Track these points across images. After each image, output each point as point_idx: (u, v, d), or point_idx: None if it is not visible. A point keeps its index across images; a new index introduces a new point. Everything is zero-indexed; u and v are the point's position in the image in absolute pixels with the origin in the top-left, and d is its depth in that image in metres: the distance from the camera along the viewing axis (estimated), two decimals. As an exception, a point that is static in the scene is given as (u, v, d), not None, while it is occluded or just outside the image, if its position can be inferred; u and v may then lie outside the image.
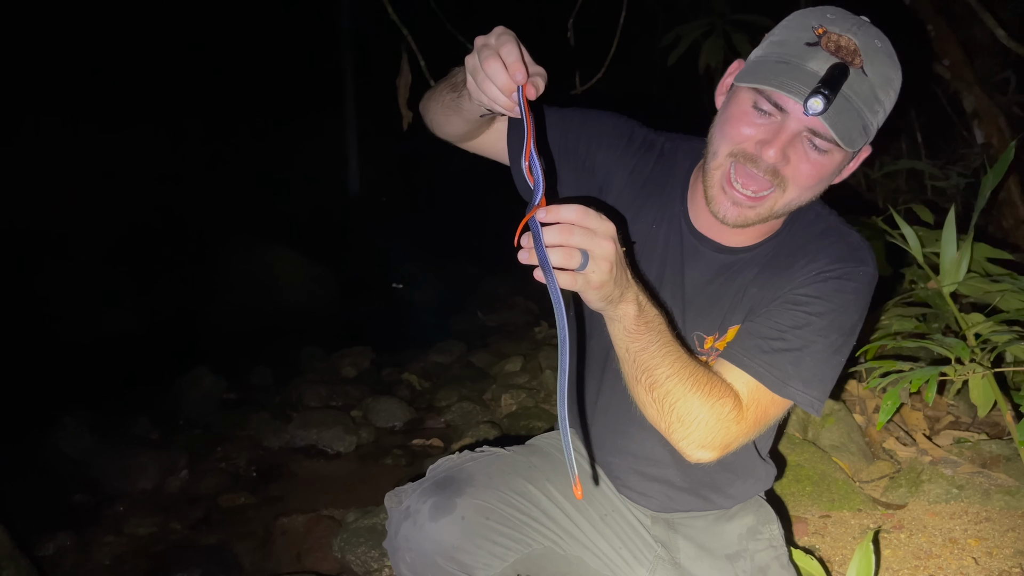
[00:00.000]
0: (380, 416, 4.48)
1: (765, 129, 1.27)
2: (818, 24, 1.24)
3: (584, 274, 1.05)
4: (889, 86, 1.25)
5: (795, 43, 1.25)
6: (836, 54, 1.21)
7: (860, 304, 1.40)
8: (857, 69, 1.21)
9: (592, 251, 1.03)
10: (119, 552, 3.26)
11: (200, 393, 4.94)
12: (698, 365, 1.30)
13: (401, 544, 1.44)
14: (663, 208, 1.53)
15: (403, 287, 7.95)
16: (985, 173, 2.53)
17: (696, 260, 1.50)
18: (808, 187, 1.31)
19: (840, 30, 1.23)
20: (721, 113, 1.36)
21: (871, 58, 1.22)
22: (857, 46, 1.21)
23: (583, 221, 1.03)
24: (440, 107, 1.47)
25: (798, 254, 1.44)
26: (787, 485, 2.41)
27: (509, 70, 1.11)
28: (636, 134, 1.58)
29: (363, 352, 5.67)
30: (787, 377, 1.36)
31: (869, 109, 1.23)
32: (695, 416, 1.28)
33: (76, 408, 4.34)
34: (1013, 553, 2.01)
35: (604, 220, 1.05)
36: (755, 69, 1.26)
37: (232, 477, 3.89)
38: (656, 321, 1.22)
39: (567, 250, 1.02)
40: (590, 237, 1.03)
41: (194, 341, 6.20)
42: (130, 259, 7.36)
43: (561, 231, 1.02)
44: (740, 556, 1.61)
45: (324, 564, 2.93)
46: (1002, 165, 2.42)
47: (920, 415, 2.76)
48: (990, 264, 2.61)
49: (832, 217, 1.49)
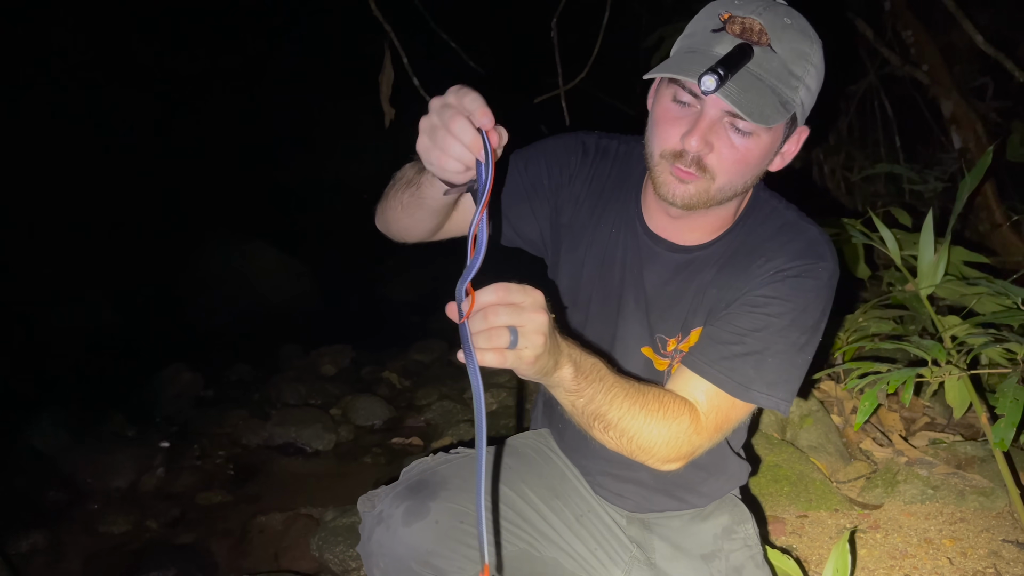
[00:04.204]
0: (360, 414, 4.46)
1: (685, 120, 1.26)
2: (724, 10, 1.25)
3: (516, 351, 1.01)
4: (804, 59, 1.24)
5: (702, 32, 1.26)
6: (741, 35, 1.22)
7: (821, 301, 1.40)
8: (764, 47, 1.21)
9: (522, 326, 1.00)
10: (93, 551, 3.23)
11: (177, 390, 4.90)
12: (646, 393, 1.30)
13: (375, 549, 1.42)
14: (620, 211, 1.53)
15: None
16: (962, 178, 2.55)
17: (653, 261, 1.50)
18: (737, 172, 1.30)
19: (745, 13, 1.23)
20: (650, 116, 1.36)
21: (779, 35, 1.22)
22: (763, 25, 1.22)
23: (506, 299, 1.00)
24: (400, 209, 1.42)
25: (755, 253, 1.43)
26: (765, 485, 2.42)
27: (474, 116, 1.01)
28: (588, 145, 1.57)
29: (343, 350, 5.64)
30: (749, 381, 1.36)
31: (785, 84, 1.22)
32: (654, 440, 1.30)
33: (50, 404, 4.30)
34: (987, 554, 2.03)
35: (529, 292, 1.01)
36: (665, 63, 1.26)
37: (209, 475, 3.86)
38: (594, 371, 1.21)
39: (494, 331, 0.98)
40: (517, 313, 1.00)
41: (171, 337, 6.15)
42: (106, 253, 7.27)
43: (485, 315, 0.99)
44: (715, 556, 1.62)
45: (302, 563, 2.91)
46: (979, 170, 2.45)
47: (896, 416, 2.79)
48: (967, 267, 2.64)
49: (790, 212, 1.47)
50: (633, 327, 1.53)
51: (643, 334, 1.53)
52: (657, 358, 1.54)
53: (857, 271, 3.02)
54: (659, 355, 1.54)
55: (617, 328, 1.55)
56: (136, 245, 7.60)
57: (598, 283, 1.54)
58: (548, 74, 3.80)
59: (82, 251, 7.19)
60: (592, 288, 1.55)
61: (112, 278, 6.94)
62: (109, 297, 6.70)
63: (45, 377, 5.06)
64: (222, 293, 7.22)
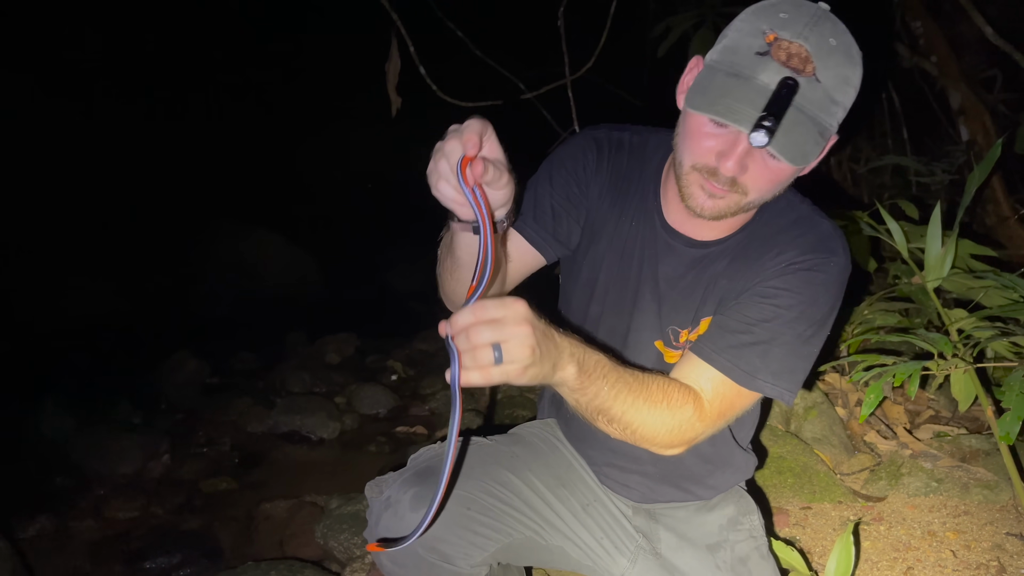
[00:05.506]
0: (364, 403, 4.48)
1: (722, 140, 1.24)
2: (769, 28, 1.20)
3: (501, 367, 1.00)
4: (847, 84, 1.21)
5: (746, 52, 1.21)
6: (787, 64, 1.17)
7: (831, 295, 1.40)
8: (809, 77, 1.17)
9: (505, 341, 0.99)
10: (100, 536, 3.25)
11: (183, 378, 4.93)
12: (650, 384, 1.30)
13: (382, 534, 1.43)
14: (639, 205, 1.53)
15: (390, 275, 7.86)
16: (970, 170, 2.54)
17: (669, 255, 1.50)
18: (769, 188, 1.31)
19: (791, 35, 1.18)
20: (682, 122, 1.34)
21: (824, 62, 1.18)
22: (809, 52, 1.17)
23: (484, 316, 0.99)
24: (448, 276, 1.42)
25: (768, 245, 1.43)
26: (769, 477, 2.42)
27: (462, 141, 1.05)
28: (600, 140, 1.56)
29: (347, 338, 5.66)
30: (755, 370, 1.37)
31: (826, 113, 1.20)
32: (658, 429, 1.31)
33: (57, 391, 4.32)
34: (991, 547, 2.03)
35: (508, 305, 1.00)
36: (705, 86, 1.23)
37: (214, 462, 3.88)
38: (598, 368, 1.20)
39: (477, 350, 0.98)
40: (498, 329, 0.99)
41: (177, 325, 6.16)
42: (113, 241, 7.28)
43: (467, 335, 0.99)
44: (720, 546, 1.62)
45: (306, 550, 2.93)
46: (988, 163, 2.43)
47: (901, 409, 2.79)
48: (974, 260, 2.63)
49: (804, 206, 1.47)
50: (647, 319, 1.53)
51: (656, 326, 1.53)
52: (668, 351, 1.55)
53: (864, 264, 3.01)
54: (670, 347, 1.55)
55: (632, 320, 1.55)
56: (143, 233, 7.62)
57: (616, 276, 1.54)
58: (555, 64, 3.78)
59: (88, 238, 7.21)
60: (610, 281, 1.55)
61: (118, 266, 6.96)
62: (115, 285, 6.72)
63: (51, 364, 5.08)
64: (228, 281, 7.24)
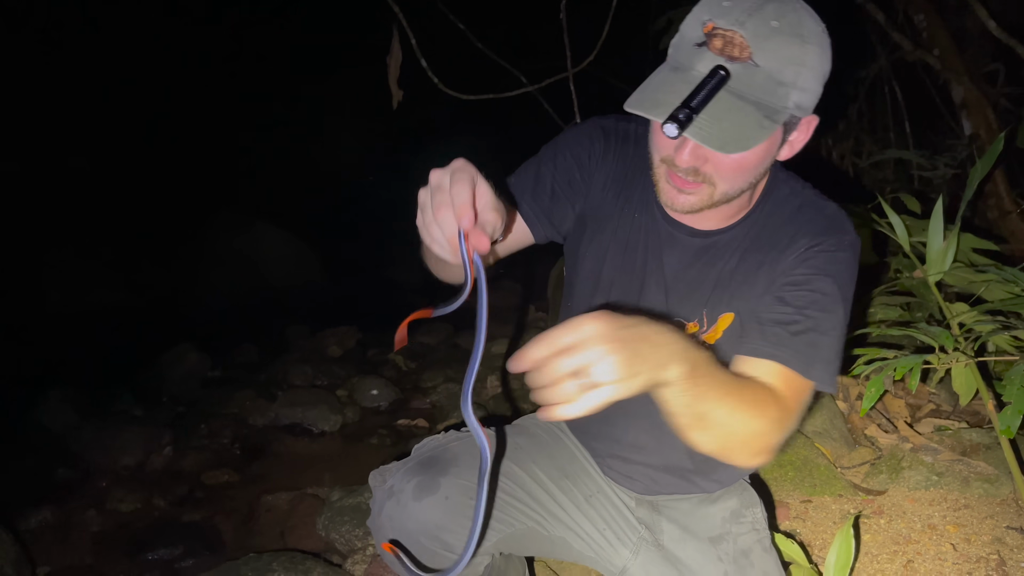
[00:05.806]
0: (365, 396, 4.49)
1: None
2: (709, 18, 1.19)
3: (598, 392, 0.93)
4: (795, 64, 1.19)
5: (687, 44, 1.22)
6: (722, 52, 1.17)
7: (852, 272, 1.40)
8: (745, 62, 1.17)
9: (588, 366, 0.92)
10: (102, 528, 3.26)
11: (185, 370, 4.93)
12: (743, 385, 1.25)
13: (384, 523, 1.44)
14: (642, 195, 1.52)
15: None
16: (972, 164, 2.54)
17: (672, 245, 1.50)
18: (737, 177, 1.29)
19: (728, 23, 1.17)
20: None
21: (763, 45, 1.17)
22: (744, 38, 1.16)
23: (556, 346, 0.93)
24: (435, 265, 1.41)
25: (779, 235, 1.43)
26: (770, 470, 2.43)
27: (456, 213, 1.00)
28: (608, 129, 1.56)
29: (349, 331, 5.67)
30: (811, 360, 1.33)
31: (771, 95, 1.18)
32: (752, 436, 1.23)
33: (59, 383, 4.32)
34: (991, 540, 2.03)
35: (578, 327, 0.94)
36: (648, 81, 1.23)
37: (216, 455, 3.89)
38: (705, 364, 1.10)
39: (559, 385, 0.92)
40: (575, 357, 0.92)
41: (179, 318, 6.17)
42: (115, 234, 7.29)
43: (543, 373, 0.93)
44: (723, 539, 1.63)
45: (308, 542, 2.94)
46: (990, 157, 2.42)
47: (902, 403, 2.79)
48: (975, 254, 2.63)
49: (807, 191, 1.47)
50: (653, 312, 1.52)
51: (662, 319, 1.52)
52: None
53: (866, 258, 3.01)
54: None
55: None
56: (144, 227, 7.62)
57: (620, 267, 1.54)
58: (557, 57, 3.78)
59: (90, 232, 7.21)
60: (615, 272, 1.55)
61: (120, 259, 6.97)
62: (117, 277, 6.72)
63: (54, 356, 5.09)
64: (229, 274, 7.24)
